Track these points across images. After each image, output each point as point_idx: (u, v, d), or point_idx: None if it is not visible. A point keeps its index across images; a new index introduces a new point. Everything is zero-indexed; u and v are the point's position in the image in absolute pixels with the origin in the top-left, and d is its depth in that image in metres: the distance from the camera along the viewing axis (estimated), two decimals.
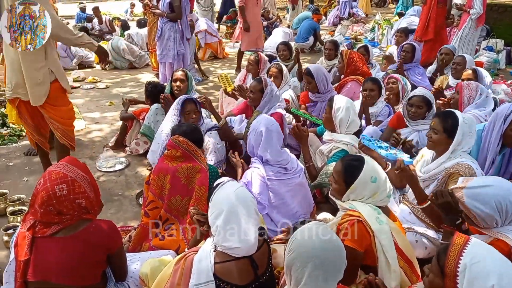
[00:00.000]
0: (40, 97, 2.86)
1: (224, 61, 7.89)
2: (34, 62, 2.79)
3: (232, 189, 1.63)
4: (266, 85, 3.33)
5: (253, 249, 1.58)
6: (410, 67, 4.59)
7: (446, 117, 2.29)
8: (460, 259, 1.24)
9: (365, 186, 1.85)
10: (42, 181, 1.66)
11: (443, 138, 2.26)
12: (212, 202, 1.64)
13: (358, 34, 9.67)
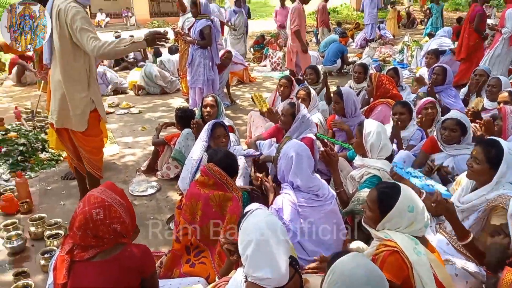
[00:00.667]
0: (82, 124, 2.94)
1: (252, 85, 8.01)
2: (77, 92, 2.87)
3: (261, 217, 1.61)
4: (299, 110, 3.35)
5: (284, 280, 1.54)
6: (442, 89, 4.49)
7: (489, 147, 2.17)
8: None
9: (401, 215, 1.79)
10: (81, 204, 1.72)
11: (486, 168, 2.14)
12: (242, 231, 1.62)
13: (386, 56, 9.60)
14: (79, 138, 3.01)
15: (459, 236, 1.99)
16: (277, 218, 1.72)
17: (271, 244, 1.52)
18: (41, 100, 5.73)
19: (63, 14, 2.71)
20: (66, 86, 2.86)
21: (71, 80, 2.86)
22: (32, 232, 2.89)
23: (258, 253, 1.52)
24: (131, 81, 7.63)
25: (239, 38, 9.25)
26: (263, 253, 1.51)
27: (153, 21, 22.78)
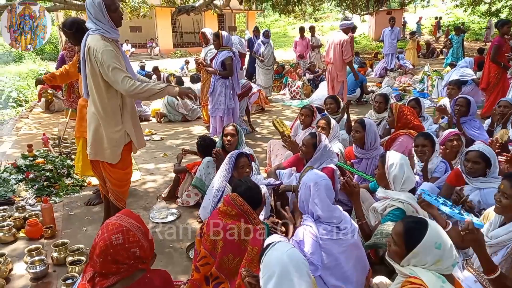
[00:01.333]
0: (115, 157, 2.92)
1: (271, 113, 8.10)
2: (111, 126, 2.85)
3: (283, 250, 1.61)
4: (320, 140, 3.36)
5: None
6: (466, 120, 4.43)
7: None
8: None
9: (428, 251, 1.74)
10: (100, 232, 1.75)
11: None
12: (263, 264, 1.62)
13: (406, 86, 9.59)
14: (106, 169, 3.00)
15: (487, 270, 1.91)
16: (299, 251, 1.69)
17: (292, 278, 1.51)
18: (68, 127, 5.94)
19: (92, 52, 2.67)
20: (101, 120, 2.84)
21: (105, 114, 2.83)
22: (54, 258, 2.93)
23: (280, 287, 1.50)
24: (154, 109, 7.85)
25: (269, 69, 9.20)
26: (285, 286, 1.50)
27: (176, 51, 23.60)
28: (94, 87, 2.79)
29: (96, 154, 2.97)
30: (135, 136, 3.00)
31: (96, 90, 2.79)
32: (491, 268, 1.91)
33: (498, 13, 23.24)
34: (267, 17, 38.95)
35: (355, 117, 6.61)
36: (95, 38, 2.70)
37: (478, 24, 24.56)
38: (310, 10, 28.16)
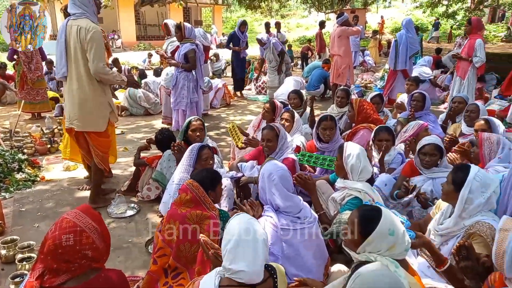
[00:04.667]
0: (104, 125, 3.39)
1: (237, 107, 8.07)
2: (100, 96, 3.32)
3: (245, 218, 1.71)
4: (279, 129, 3.38)
5: (258, 278, 1.61)
6: (422, 115, 4.61)
7: (458, 169, 2.23)
8: None
9: (382, 238, 1.78)
10: (53, 228, 1.66)
11: (451, 190, 2.19)
12: (225, 231, 1.70)
13: (368, 82, 9.87)
14: (93, 138, 3.42)
15: (437, 263, 1.99)
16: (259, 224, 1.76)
17: (250, 242, 1.62)
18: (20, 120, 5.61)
19: (84, 31, 3.09)
20: (90, 92, 3.26)
21: (93, 86, 3.25)
22: (2, 255, 2.76)
23: (236, 248, 1.60)
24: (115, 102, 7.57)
25: (275, 69, 8.68)
26: (241, 248, 1.60)
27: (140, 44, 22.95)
28: (83, 65, 3.19)
29: (84, 126, 3.36)
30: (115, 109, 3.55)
31: (85, 65, 3.18)
32: (440, 261, 1.99)
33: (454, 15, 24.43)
34: (233, 12, 38.72)
35: (318, 112, 6.73)
36: (84, 20, 3.13)
37: None
38: (276, 6, 28.29)
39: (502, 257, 1.67)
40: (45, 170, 4.53)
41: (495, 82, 8.30)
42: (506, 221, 1.78)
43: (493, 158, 3.06)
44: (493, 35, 21.18)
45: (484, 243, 2.03)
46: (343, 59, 7.38)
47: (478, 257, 1.90)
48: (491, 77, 8.48)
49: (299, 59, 14.45)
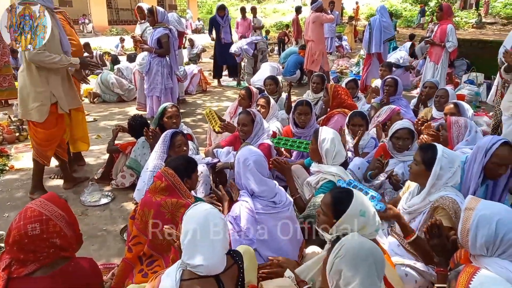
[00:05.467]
0: (40, 116, 3.19)
1: (213, 94, 7.99)
2: (36, 86, 3.16)
3: (202, 209, 1.67)
4: (255, 114, 3.38)
5: (218, 269, 1.60)
6: (394, 99, 4.70)
7: (426, 149, 2.31)
8: (470, 284, 1.23)
9: (353, 219, 1.83)
10: (17, 218, 1.63)
11: (422, 170, 2.27)
12: (183, 222, 1.67)
13: (344, 68, 9.96)
14: (31, 128, 3.29)
15: (405, 234, 2.08)
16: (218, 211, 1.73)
17: (207, 234, 1.59)
18: None
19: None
20: (28, 79, 3.14)
21: (30, 73, 3.13)
22: None
23: (194, 242, 1.58)
24: (86, 89, 7.36)
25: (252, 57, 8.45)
26: (199, 241, 1.58)
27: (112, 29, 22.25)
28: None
29: (23, 114, 3.27)
30: (64, 99, 3.31)
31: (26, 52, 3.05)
32: (408, 233, 2.08)
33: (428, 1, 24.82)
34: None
35: (295, 98, 6.75)
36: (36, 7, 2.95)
37: (410, 12, 26.02)
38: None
39: (467, 235, 1.75)
40: (14, 159, 4.38)
41: (465, 68, 8.54)
42: (471, 201, 1.85)
43: (461, 140, 3.17)
44: (465, 22, 21.68)
45: (447, 216, 2.12)
46: (317, 45, 7.38)
47: (447, 235, 1.98)
48: (462, 63, 8.71)
49: (276, 45, 14.40)
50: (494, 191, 2.54)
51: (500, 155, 2.34)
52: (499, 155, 2.34)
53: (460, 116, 3.50)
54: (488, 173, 2.43)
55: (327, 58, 7.92)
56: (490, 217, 1.68)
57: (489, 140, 2.47)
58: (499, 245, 1.66)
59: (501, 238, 1.65)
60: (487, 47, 8.64)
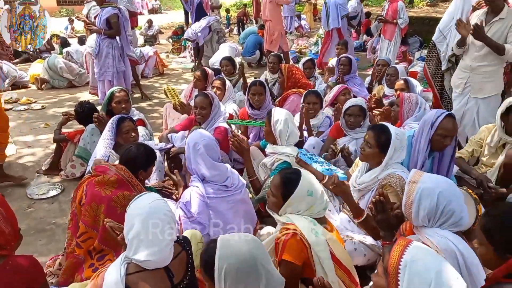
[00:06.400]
0: None
1: (171, 77, 7.77)
2: None
3: (147, 201, 1.60)
4: (213, 97, 3.31)
5: (166, 262, 1.56)
6: (349, 78, 4.77)
7: (380, 132, 2.35)
8: (402, 257, 1.27)
9: (301, 199, 1.85)
10: None
11: (376, 152, 2.31)
12: (126, 215, 1.61)
13: (303, 48, 9.98)
14: None
15: (355, 215, 2.12)
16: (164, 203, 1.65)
17: (153, 227, 1.53)
18: None
19: None
20: None
21: None
22: None
23: (138, 236, 1.51)
24: (33, 74, 6.91)
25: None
26: (143, 235, 1.51)
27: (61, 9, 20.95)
28: None
29: None
30: None
31: None
32: (358, 213, 2.12)
33: None
34: None
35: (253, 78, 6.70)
36: None
37: None
38: None
39: (410, 208, 1.82)
40: None
41: (419, 45, 8.81)
42: (415, 174, 1.92)
43: (411, 116, 3.28)
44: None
45: (395, 193, 2.19)
46: (275, 25, 7.29)
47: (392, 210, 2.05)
48: (415, 40, 8.98)
49: (235, 24, 14.15)
50: (441, 162, 2.65)
51: (444, 127, 2.44)
52: (444, 127, 2.44)
53: (409, 92, 3.62)
54: (434, 145, 2.52)
55: (286, 38, 7.88)
56: (432, 189, 1.75)
57: (434, 113, 2.56)
58: (439, 216, 1.74)
59: (442, 210, 1.72)
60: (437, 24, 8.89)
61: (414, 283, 1.19)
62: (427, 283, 1.17)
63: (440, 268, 1.21)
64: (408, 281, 1.20)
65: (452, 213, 1.72)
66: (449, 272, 1.20)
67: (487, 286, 1.34)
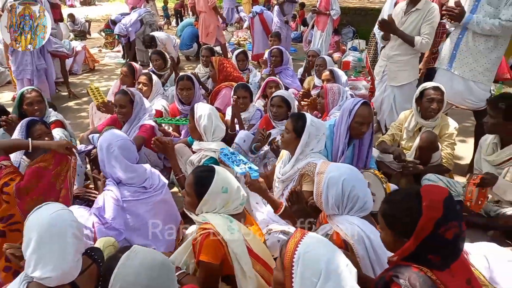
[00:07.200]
0: None
1: (103, 73, 7.38)
2: None
3: (47, 212, 1.47)
4: (133, 94, 3.17)
5: (71, 277, 1.45)
6: (281, 70, 4.82)
7: (297, 119, 2.41)
8: (296, 250, 1.28)
9: (216, 197, 1.82)
10: None
11: (293, 137, 2.37)
12: (24, 228, 1.47)
13: (242, 40, 9.93)
14: None
15: (273, 208, 2.15)
16: (69, 213, 1.53)
17: (54, 240, 1.42)
18: None
19: None
20: None
21: None
22: None
23: (37, 251, 1.40)
24: None
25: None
26: (43, 250, 1.40)
27: None
28: None
29: None
30: None
31: None
32: (276, 206, 2.14)
33: None
34: None
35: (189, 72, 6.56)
36: None
37: None
38: None
39: (321, 197, 1.87)
40: None
41: (352, 35, 9.13)
42: (322, 165, 1.97)
43: (335, 106, 3.38)
44: None
45: (312, 181, 2.23)
46: (210, 17, 7.16)
47: (306, 200, 2.10)
48: (348, 30, 9.29)
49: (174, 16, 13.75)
50: (360, 149, 2.76)
51: (361, 114, 2.55)
52: (360, 114, 2.55)
53: (334, 83, 3.72)
54: (353, 133, 2.63)
55: (222, 30, 7.77)
56: (337, 177, 1.81)
57: (352, 101, 2.66)
58: (346, 203, 1.80)
59: (348, 196, 1.79)
60: (369, 14, 9.30)
61: (306, 275, 1.21)
62: (317, 274, 1.20)
63: (330, 257, 1.24)
64: (301, 274, 1.22)
65: (357, 198, 1.79)
66: (338, 260, 1.23)
67: (389, 268, 1.40)
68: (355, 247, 1.73)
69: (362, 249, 1.73)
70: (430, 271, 1.23)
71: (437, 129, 3.05)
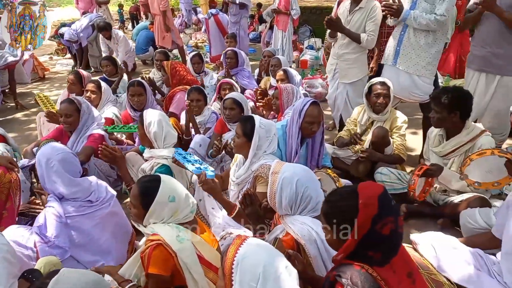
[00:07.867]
0: None
1: (54, 81, 7.05)
2: None
3: None
4: (80, 102, 3.04)
5: None
6: (237, 71, 4.80)
7: (245, 122, 2.39)
8: (235, 256, 1.26)
9: (163, 206, 1.76)
10: None
11: (244, 141, 2.34)
12: None
13: (200, 42, 9.82)
14: None
15: (227, 211, 2.12)
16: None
17: None
18: None
19: None
20: None
21: None
22: None
23: None
24: None
25: None
26: None
27: None
28: None
29: None
30: None
31: None
32: (230, 208, 2.12)
33: None
34: None
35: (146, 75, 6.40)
36: None
37: None
38: None
39: (274, 198, 1.86)
40: None
41: (309, 34, 9.27)
42: (276, 165, 1.96)
43: (290, 106, 3.40)
44: None
45: (266, 183, 2.22)
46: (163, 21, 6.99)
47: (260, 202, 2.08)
48: (305, 29, 9.42)
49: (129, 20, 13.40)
50: (313, 148, 2.79)
51: (310, 114, 2.58)
52: (310, 114, 2.58)
53: (288, 83, 3.75)
54: (304, 132, 2.65)
55: (178, 32, 7.65)
56: (291, 178, 1.81)
57: (301, 102, 2.69)
58: (299, 203, 1.81)
59: (301, 196, 1.79)
60: (324, 13, 9.45)
61: (245, 281, 1.19)
62: (255, 278, 1.18)
63: (269, 261, 1.23)
64: (240, 280, 1.20)
65: (310, 199, 1.80)
66: (277, 263, 1.22)
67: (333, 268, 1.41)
68: (307, 247, 1.74)
69: (314, 249, 1.74)
70: (371, 268, 1.24)
71: (388, 123, 3.15)
